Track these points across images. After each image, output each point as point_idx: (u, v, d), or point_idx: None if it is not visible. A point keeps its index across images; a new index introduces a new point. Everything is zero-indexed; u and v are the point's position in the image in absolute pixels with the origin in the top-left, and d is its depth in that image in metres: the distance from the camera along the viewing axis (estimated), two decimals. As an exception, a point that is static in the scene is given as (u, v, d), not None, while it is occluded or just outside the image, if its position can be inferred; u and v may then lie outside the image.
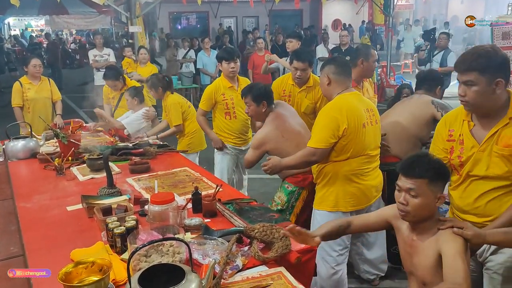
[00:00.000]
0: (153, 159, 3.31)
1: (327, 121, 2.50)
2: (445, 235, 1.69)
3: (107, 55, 7.20)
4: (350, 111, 2.49)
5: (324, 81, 2.63)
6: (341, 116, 2.46)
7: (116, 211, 2.23)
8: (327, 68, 2.64)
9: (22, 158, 3.42)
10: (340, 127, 2.45)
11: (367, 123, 2.54)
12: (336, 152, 2.53)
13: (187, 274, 1.49)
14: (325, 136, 2.47)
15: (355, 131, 2.49)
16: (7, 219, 2.45)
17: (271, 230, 2.00)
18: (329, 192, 2.62)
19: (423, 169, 1.68)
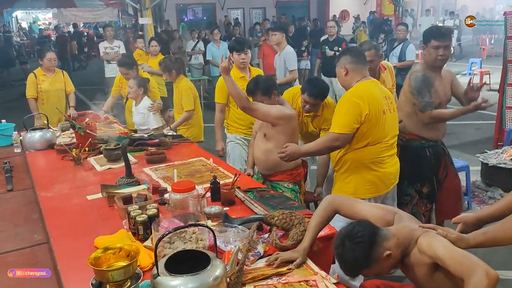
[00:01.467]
0: (168, 149, 3.34)
1: (349, 107, 2.52)
2: (422, 244, 1.65)
3: (117, 47, 7.23)
4: (371, 97, 2.52)
5: (341, 72, 2.64)
6: (363, 102, 2.49)
7: (136, 199, 2.26)
8: (343, 58, 2.65)
9: (39, 149, 3.47)
10: (362, 113, 2.48)
11: (386, 110, 2.57)
12: (356, 139, 2.55)
13: (212, 260, 1.52)
14: (348, 121, 2.50)
15: (376, 117, 2.51)
16: (29, 208, 2.50)
17: (291, 217, 2.03)
18: (348, 180, 2.65)
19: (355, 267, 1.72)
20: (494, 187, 4.25)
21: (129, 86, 4.20)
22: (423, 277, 1.67)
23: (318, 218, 1.93)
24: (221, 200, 2.37)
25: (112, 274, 1.40)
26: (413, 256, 1.68)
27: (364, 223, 1.71)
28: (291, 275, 1.72)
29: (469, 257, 1.52)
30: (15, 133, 3.62)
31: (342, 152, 2.63)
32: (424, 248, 1.63)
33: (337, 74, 2.73)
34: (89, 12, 15.87)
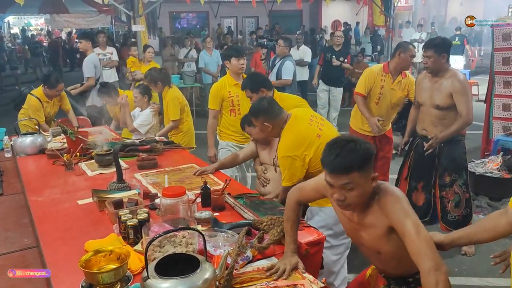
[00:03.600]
0: (160, 155, 3.36)
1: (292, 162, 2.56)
2: (387, 206, 1.66)
3: (110, 53, 7.22)
4: (301, 140, 2.56)
5: (266, 128, 2.64)
6: (298, 152, 2.54)
7: (127, 204, 2.28)
8: (261, 118, 2.63)
9: (30, 154, 3.47)
10: (304, 162, 2.55)
11: (318, 131, 2.59)
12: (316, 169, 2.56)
13: (201, 263, 1.54)
14: (296, 174, 2.58)
15: (316, 147, 2.53)
16: (19, 212, 2.50)
17: (278, 222, 2.06)
18: None
19: (350, 162, 1.59)
20: (481, 196, 4.31)
21: (134, 96, 4.24)
22: (376, 237, 1.72)
23: (289, 220, 1.95)
24: (212, 206, 2.39)
25: (102, 277, 1.42)
26: (373, 210, 1.70)
27: None
28: (280, 279, 1.75)
29: (431, 248, 1.57)
30: (6, 137, 3.62)
31: None
32: (389, 210, 1.65)
33: (260, 130, 2.71)
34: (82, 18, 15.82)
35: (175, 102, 4.16)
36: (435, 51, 3.37)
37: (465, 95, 3.35)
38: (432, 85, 3.49)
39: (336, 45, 7.29)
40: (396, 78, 4.02)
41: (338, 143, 1.63)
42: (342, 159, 1.58)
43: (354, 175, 1.59)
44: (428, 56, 3.41)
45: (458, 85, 3.33)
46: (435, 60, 3.38)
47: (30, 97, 4.49)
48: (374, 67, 4.26)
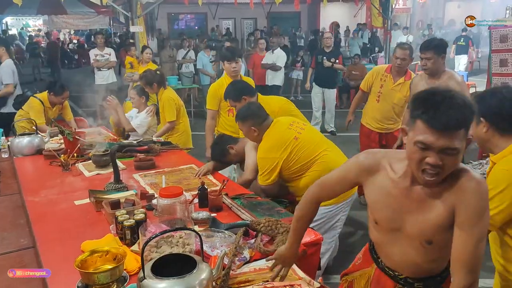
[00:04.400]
0: (157, 156, 3.36)
1: (267, 163, 2.71)
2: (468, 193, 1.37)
3: (108, 54, 7.23)
4: (279, 143, 2.70)
5: (252, 133, 2.79)
6: (276, 153, 2.68)
7: (124, 205, 2.27)
8: (248, 122, 2.78)
9: (27, 155, 3.46)
10: (279, 163, 2.68)
11: (297, 134, 2.72)
12: (298, 170, 2.71)
13: (198, 264, 1.54)
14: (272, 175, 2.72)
15: (292, 148, 2.67)
16: (16, 213, 2.49)
17: (276, 225, 2.06)
18: None
19: (464, 118, 1.29)
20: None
21: (131, 97, 4.24)
22: (433, 221, 1.42)
23: (302, 219, 1.74)
24: (209, 207, 2.39)
25: (98, 277, 1.41)
26: (443, 188, 1.40)
27: None
28: (276, 280, 1.74)
29: (478, 265, 1.39)
30: (3, 138, 3.61)
31: (300, 181, 2.73)
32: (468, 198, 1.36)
33: (247, 133, 2.84)
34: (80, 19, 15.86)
35: (170, 103, 4.16)
36: (435, 52, 3.40)
37: None
38: (429, 87, 3.49)
39: (326, 46, 7.28)
40: (397, 79, 4.06)
41: (444, 94, 1.30)
42: (456, 113, 1.27)
43: (462, 133, 1.30)
44: (427, 58, 3.43)
45: (457, 86, 3.33)
46: (435, 61, 3.41)
47: (33, 99, 4.47)
48: (380, 67, 4.43)
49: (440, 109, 1.28)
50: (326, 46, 7.24)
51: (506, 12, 5.86)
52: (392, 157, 1.53)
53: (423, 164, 1.33)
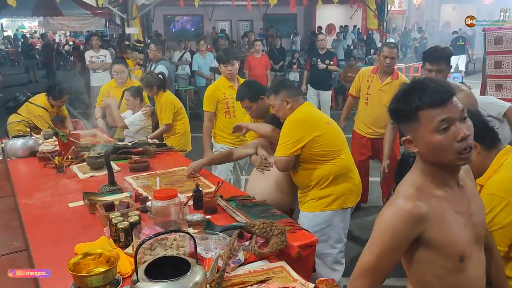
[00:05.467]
0: (152, 158, 3.34)
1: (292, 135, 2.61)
2: None
3: (103, 56, 7.21)
4: (312, 120, 2.65)
5: (284, 106, 2.68)
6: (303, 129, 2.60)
7: (118, 207, 2.26)
8: (282, 93, 2.69)
9: (21, 157, 3.44)
10: (303, 140, 2.57)
11: (330, 121, 2.72)
12: (321, 154, 2.60)
13: (192, 266, 1.53)
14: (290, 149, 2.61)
15: (325, 131, 2.61)
16: (9, 215, 2.47)
17: (271, 227, 2.04)
18: (328, 193, 2.63)
19: (449, 84, 1.35)
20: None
21: (125, 99, 4.22)
22: None
23: None
24: (204, 209, 2.38)
25: (91, 280, 1.40)
26: None
27: None
28: (271, 283, 1.74)
29: None
30: (-3, 140, 3.59)
31: (319, 171, 2.63)
32: None
33: (279, 107, 2.72)
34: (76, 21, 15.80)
35: (170, 107, 4.14)
36: (446, 63, 3.04)
37: None
38: None
39: (320, 48, 7.28)
40: (384, 79, 3.97)
41: (417, 80, 1.36)
42: (442, 83, 1.32)
43: None
44: (438, 70, 2.98)
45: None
46: (446, 74, 3.08)
47: (34, 108, 4.35)
48: (366, 68, 4.30)
49: (429, 88, 1.29)
50: (321, 48, 7.25)
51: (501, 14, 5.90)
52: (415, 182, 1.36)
53: (456, 145, 1.27)
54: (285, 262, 1.90)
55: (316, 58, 7.12)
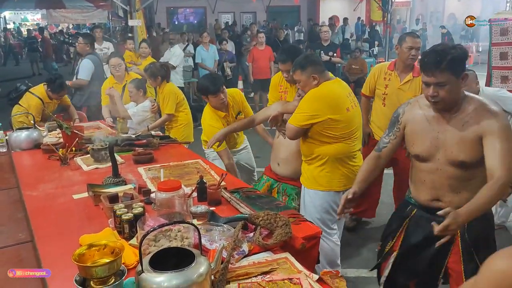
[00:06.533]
0: (156, 150, 3.34)
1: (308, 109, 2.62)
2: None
3: (106, 48, 7.18)
4: (333, 98, 2.62)
5: (311, 81, 2.65)
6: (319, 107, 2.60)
7: (122, 199, 2.26)
8: (309, 69, 2.64)
9: (25, 149, 3.45)
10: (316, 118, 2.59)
11: (350, 107, 2.66)
12: (326, 136, 2.64)
13: (196, 257, 1.53)
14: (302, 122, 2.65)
15: (341, 115, 2.60)
16: (14, 207, 2.48)
17: (275, 218, 2.04)
18: (323, 173, 2.73)
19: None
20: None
21: (129, 91, 4.22)
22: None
23: None
24: (208, 200, 2.38)
25: (96, 270, 1.41)
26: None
27: None
28: (275, 273, 1.74)
29: None
30: (1, 132, 3.59)
31: (318, 148, 2.70)
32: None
33: (305, 83, 2.67)
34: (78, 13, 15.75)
35: (173, 97, 4.15)
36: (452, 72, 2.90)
37: None
38: None
39: (324, 40, 7.23)
40: (404, 76, 3.53)
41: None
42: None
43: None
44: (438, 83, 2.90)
45: None
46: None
47: (31, 97, 4.36)
48: (381, 65, 3.86)
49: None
50: (324, 39, 7.21)
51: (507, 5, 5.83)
52: None
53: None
54: (289, 254, 1.89)
55: (319, 50, 7.09)
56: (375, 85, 3.69)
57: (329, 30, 7.45)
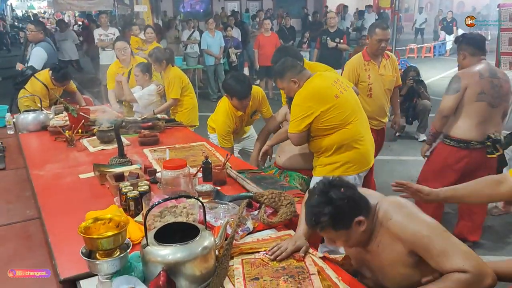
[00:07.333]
0: (161, 132, 3.36)
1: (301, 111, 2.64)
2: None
3: (112, 34, 7.19)
4: (318, 94, 2.63)
5: (293, 86, 2.70)
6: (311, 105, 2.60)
7: (128, 177, 2.28)
8: (288, 75, 2.70)
9: (32, 131, 3.48)
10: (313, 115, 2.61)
11: (338, 93, 2.65)
12: (323, 129, 2.65)
13: (201, 231, 1.54)
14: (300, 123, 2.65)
15: (330, 105, 2.59)
16: (22, 186, 2.51)
17: (279, 197, 2.05)
18: (334, 160, 2.72)
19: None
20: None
21: (135, 75, 4.22)
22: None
23: None
24: (213, 180, 2.39)
25: (102, 242, 1.42)
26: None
27: None
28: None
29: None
30: (8, 114, 3.62)
31: (323, 141, 2.70)
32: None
33: (288, 89, 2.74)
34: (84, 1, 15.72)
35: (178, 81, 4.15)
36: None
37: None
38: None
39: (330, 26, 7.18)
40: (380, 61, 3.71)
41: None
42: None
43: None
44: None
45: None
46: None
47: (36, 82, 4.34)
48: (353, 59, 3.85)
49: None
50: (330, 26, 7.15)
51: (517, -9, 5.73)
52: None
53: None
54: (293, 231, 1.90)
55: (326, 36, 7.04)
56: (358, 78, 3.69)
57: (335, 16, 7.38)
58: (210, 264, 1.52)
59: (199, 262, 1.48)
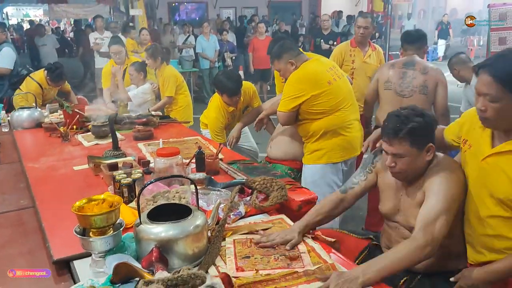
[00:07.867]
0: (155, 128, 3.38)
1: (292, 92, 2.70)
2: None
3: (107, 38, 7.22)
4: (313, 78, 2.68)
5: (289, 67, 2.75)
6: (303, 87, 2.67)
7: (122, 167, 2.30)
8: (285, 56, 2.75)
9: (27, 128, 3.49)
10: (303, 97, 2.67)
11: (332, 80, 2.71)
12: (314, 112, 2.71)
13: (193, 211, 1.57)
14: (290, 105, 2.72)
15: (323, 90, 2.65)
16: (16, 178, 2.52)
17: (271, 183, 2.08)
18: (320, 146, 2.78)
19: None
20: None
21: (129, 74, 4.26)
22: None
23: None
24: (206, 170, 2.41)
25: (95, 219, 1.44)
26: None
27: None
28: (270, 231, 1.77)
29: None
30: (3, 112, 3.64)
31: (311, 125, 2.76)
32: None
33: (285, 71, 2.78)
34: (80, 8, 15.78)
35: (172, 80, 4.20)
36: None
37: None
38: None
39: (324, 29, 7.28)
40: (366, 51, 3.89)
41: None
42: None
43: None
44: None
45: None
46: None
47: (30, 81, 4.37)
48: (342, 44, 4.12)
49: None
50: (324, 28, 7.24)
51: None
52: None
53: None
54: (285, 216, 1.93)
55: (319, 38, 7.12)
56: (342, 62, 3.89)
57: (329, 19, 7.48)
58: (202, 244, 1.55)
59: (192, 240, 1.50)
